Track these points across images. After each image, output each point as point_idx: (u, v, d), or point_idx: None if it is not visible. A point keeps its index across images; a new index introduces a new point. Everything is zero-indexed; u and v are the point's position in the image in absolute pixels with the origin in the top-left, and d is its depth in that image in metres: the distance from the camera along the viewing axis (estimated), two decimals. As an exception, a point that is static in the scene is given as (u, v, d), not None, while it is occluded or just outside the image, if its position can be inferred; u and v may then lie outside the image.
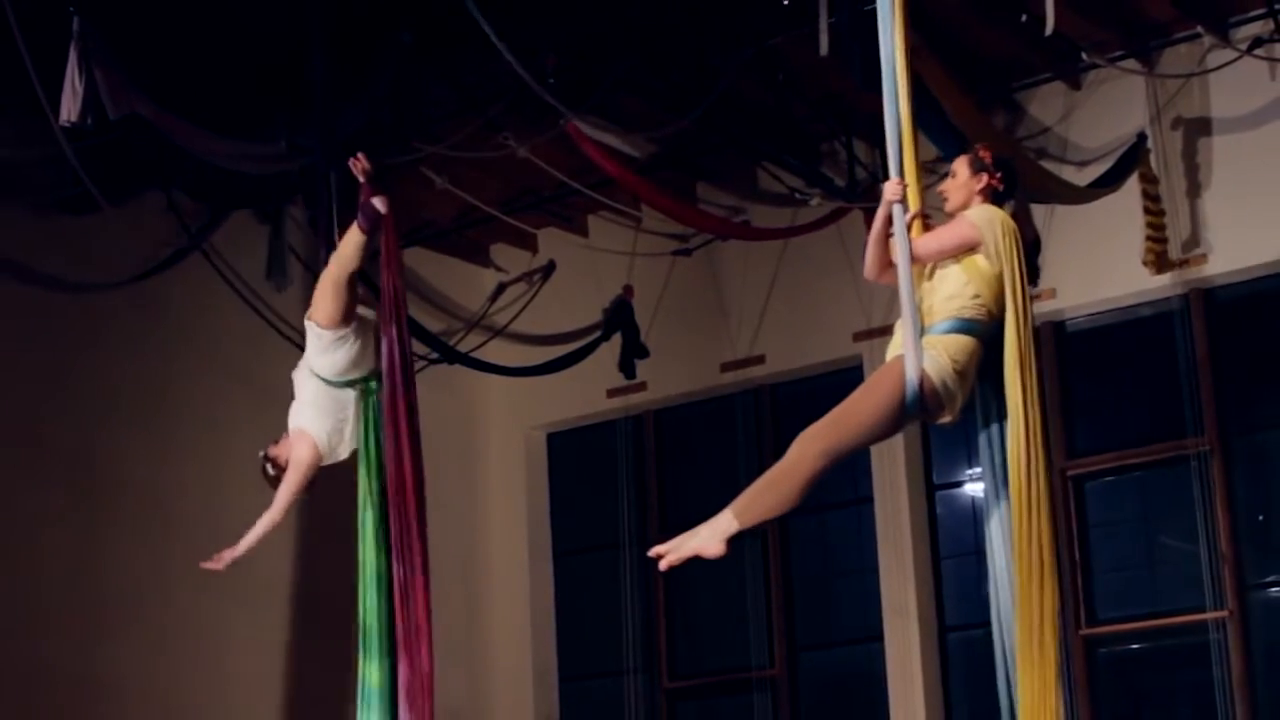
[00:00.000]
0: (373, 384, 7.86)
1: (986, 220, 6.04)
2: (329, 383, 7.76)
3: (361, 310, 7.84)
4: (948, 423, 6.16)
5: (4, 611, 9.53)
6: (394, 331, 7.56)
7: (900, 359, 5.96)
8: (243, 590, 10.39)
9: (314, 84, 8.95)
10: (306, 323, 7.78)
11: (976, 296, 6.01)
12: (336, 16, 8.92)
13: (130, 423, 10.32)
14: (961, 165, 6.26)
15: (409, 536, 7.45)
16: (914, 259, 5.97)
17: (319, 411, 7.77)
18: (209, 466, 10.58)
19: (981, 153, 6.28)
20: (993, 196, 6.18)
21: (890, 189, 5.97)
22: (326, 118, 8.95)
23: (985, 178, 6.20)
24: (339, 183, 8.97)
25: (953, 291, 6.03)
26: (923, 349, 5.92)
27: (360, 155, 7.63)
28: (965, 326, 6.01)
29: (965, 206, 6.18)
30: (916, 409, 5.98)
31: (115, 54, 8.09)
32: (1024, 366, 5.99)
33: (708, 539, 6.13)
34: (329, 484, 7.98)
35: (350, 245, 7.60)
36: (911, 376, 5.90)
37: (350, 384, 7.81)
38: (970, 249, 6.03)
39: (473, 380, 12.00)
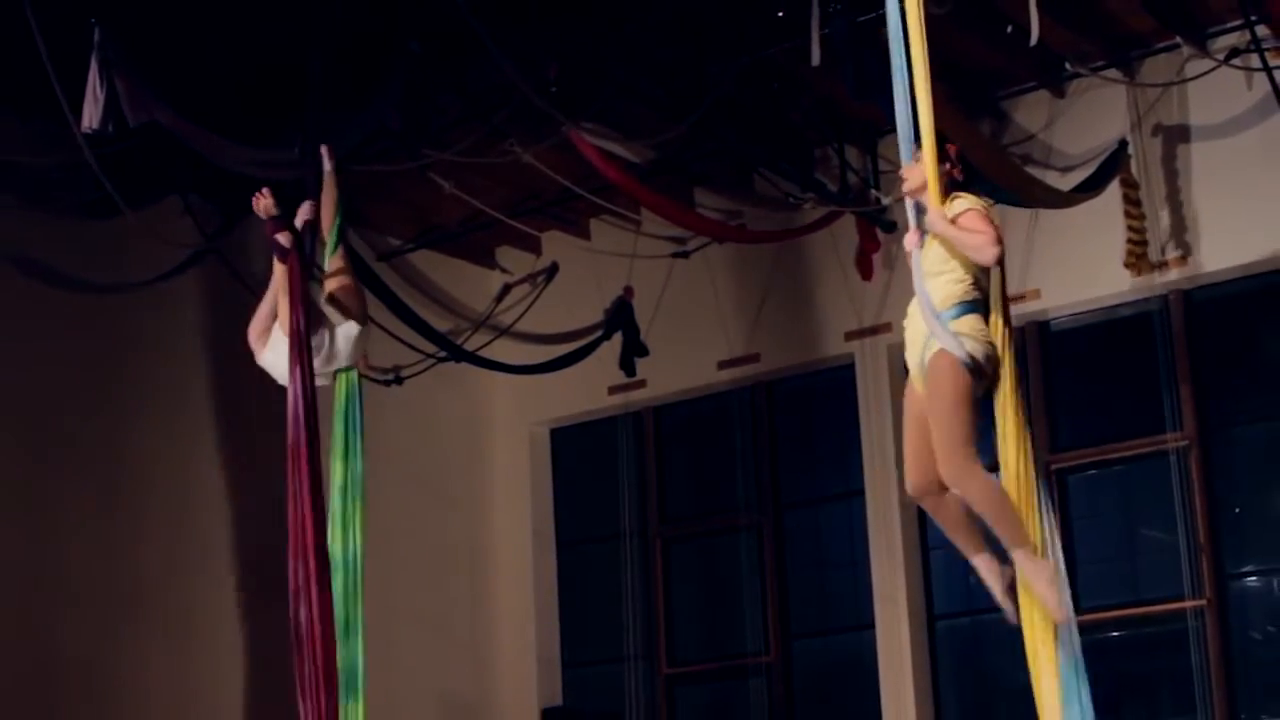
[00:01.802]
0: (352, 373, 8.01)
1: (980, 203, 6.30)
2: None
3: (327, 310, 7.95)
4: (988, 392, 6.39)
5: (31, 602, 9.61)
6: (298, 373, 7.48)
7: (940, 354, 6.17)
8: (252, 582, 10.57)
9: (310, 90, 8.94)
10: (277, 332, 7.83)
11: (965, 279, 6.24)
12: (347, 27, 8.92)
13: (153, 421, 10.38)
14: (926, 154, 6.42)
15: (308, 579, 7.26)
16: (990, 260, 6.18)
17: None
18: (227, 464, 10.64)
19: (948, 146, 6.49)
20: (950, 185, 6.38)
21: (912, 239, 6.25)
22: (319, 124, 8.94)
23: (947, 167, 6.40)
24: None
25: (944, 274, 6.24)
26: (954, 335, 6.15)
27: (263, 192, 7.61)
28: (971, 307, 6.24)
29: (921, 191, 6.36)
30: (980, 380, 6.22)
31: (135, 63, 8.12)
32: (1008, 342, 6.35)
33: (1049, 583, 6.30)
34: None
35: (276, 275, 7.73)
36: (960, 355, 6.12)
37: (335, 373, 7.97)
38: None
39: (479, 378, 12.08)
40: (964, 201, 6.30)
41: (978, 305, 6.28)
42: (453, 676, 11.88)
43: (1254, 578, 10.28)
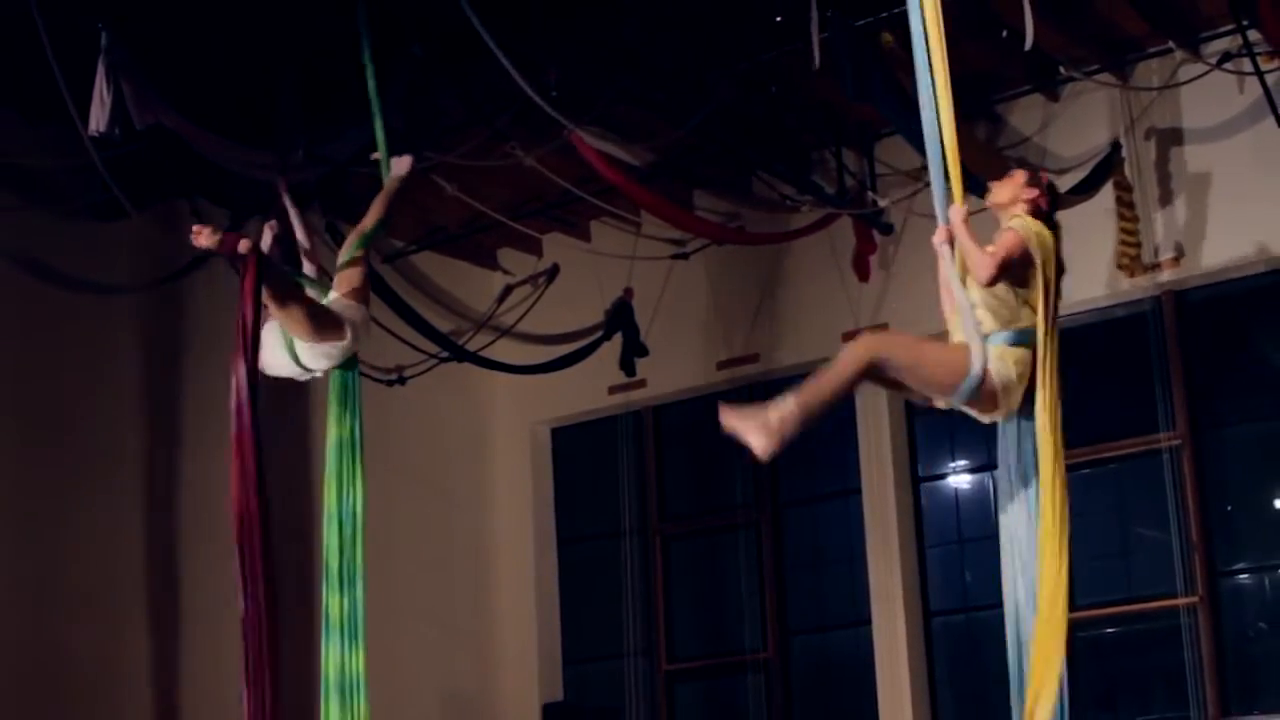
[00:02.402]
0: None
1: (1030, 230, 6.28)
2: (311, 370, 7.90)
3: (334, 301, 7.88)
4: (994, 419, 6.39)
5: (35, 600, 9.66)
6: (242, 367, 7.35)
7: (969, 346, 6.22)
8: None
9: (284, 96, 8.98)
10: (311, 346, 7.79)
11: (1027, 303, 6.27)
12: (349, 31, 8.84)
13: (155, 422, 10.41)
14: (1020, 174, 6.52)
15: (254, 572, 7.18)
16: (982, 282, 6.17)
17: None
18: (229, 464, 10.67)
19: (1043, 173, 6.59)
20: (1034, 213, 6.41)
21: (940, 234, 6.26)
22: (293, 128, 9.03)
23: (1036, 193, 6.44)
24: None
25: (1003, 296, 6.27)
26: (990, 350, 6.20)
27: (196, 229, 7.40)
28: (1024, 338, 6.27)
29: (1006, 206, 6.44)
30: (972, 396, 6.23)
31: (141, 66, 8.16)
32: (1052, 369, 6.30)
33: (770, 418, 5.95)
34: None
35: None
36: (976, 370, 6.17)
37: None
38: (1022, 256, 6.23)
39: (481, 378, 12.14)
40: (1018, 221, 6.32)
41: (1030, 336, 6.25)
42: (455, 672, 11.96)
43: (1245, 575, 10.35)
